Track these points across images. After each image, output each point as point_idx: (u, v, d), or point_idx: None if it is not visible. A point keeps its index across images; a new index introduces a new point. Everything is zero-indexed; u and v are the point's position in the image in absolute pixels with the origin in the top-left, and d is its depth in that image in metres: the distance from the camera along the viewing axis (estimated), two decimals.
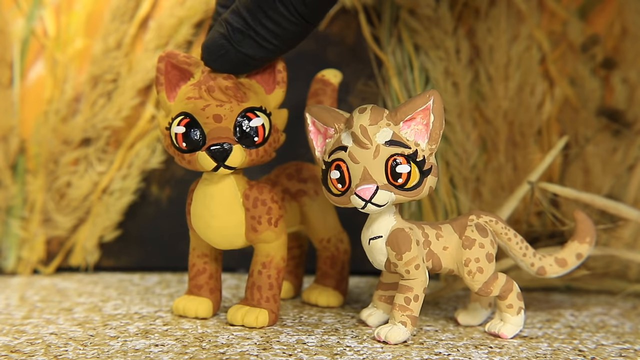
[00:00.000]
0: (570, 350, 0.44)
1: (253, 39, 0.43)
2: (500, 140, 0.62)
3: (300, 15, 0.42)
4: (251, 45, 0.43)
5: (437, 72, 0.62)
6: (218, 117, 0.44)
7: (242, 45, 0.43)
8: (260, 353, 0.42)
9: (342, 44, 0.63)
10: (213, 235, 0.47)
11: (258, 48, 0.43)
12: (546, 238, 0.58)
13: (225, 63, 0.44)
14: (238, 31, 0.43)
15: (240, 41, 0.43)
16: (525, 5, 0.61)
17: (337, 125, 0.45)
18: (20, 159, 0.63)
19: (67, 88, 0.63)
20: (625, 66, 0.61)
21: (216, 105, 0.44)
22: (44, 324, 0.48)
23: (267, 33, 0.43)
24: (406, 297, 0.44)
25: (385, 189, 0.43)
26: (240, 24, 0.43)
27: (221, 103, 0.44)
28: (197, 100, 0.44)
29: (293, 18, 0.42)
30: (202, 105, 0.44)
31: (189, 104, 0.45)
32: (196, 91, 0.45)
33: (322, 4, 0.42)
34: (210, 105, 0.44)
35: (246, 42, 0.43)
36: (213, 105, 0.44)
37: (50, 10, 0.63)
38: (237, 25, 0.43)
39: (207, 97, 0.44)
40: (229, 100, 0.44)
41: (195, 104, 0.44)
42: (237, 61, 0.44)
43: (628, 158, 0.60)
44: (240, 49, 0.43)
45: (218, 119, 0.44)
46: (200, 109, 0.44)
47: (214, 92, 0.44)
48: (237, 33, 0.43)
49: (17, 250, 0.63)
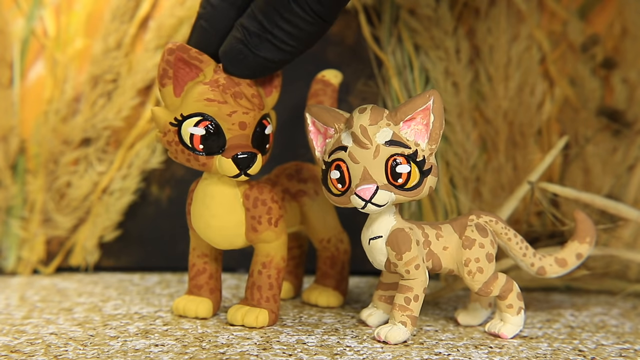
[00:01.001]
0: (570, 350, 0.44)
1: (271, 42, 0.42)
2: (500, 140, 0.62)
3: (317, 14, 0.42)
4: (269, 49, 0.43)
5: (437, 72, 0.62)
6: (243, 125, 0.44)
7: (260, 49, 0.43)
8: (260, 353, 0.42)
9: (342, 44, 0.63)
10: (213, 235, 0.47)
11: (276, 51, 0.43)
12: (546, 238, 0.58)
13: (244, 68, 0.44)
14: (255, 35, 0.42)
15: (257, 45, 0.43)
16: (525, 5, 0.61)
17: (337, 125, 0.45)
18: (20, 159, 0.63)
19: (67, 88, 0.63)
20: (625, 66, 0.61)
21: (243, 112, 0.44)
22: (44, 324, 0.48)
23: (284, 35, 0.42)
24: (406, 297, 0.44)
25: (385, 189, 0.43)
26: (256, 27, 0.42)
27: (247, 111, 0.44)
28: (221, 104, 0.44)
29: (309, 17, 0.42)
30: (228, 110, 0.44)
31: (211, 106, 0.44)
32: (218, 94, 0.44)
33: (337, 1, 0.42)
34: (237, 112, 0.44)
35: (264, 45, 0.43)
36: (240, 113, 0.44)
37: (50, 10, 0.63)
38: (253, 30, 0.42)
39: (234, 104, 0.44)
40: (253, 108, 0.45)
41: (220, 109, 0.44)
42: (256, 65, 0.44)
43: (628, 158, 0.60)
44: (259, 53, 0.43)
45: (243, 127, 0.44)
46: (226, 114, 0.44)
47: (241, 99, 0.44)
48: (254, 37, 0.43)
49: (17, 250, 0.63)
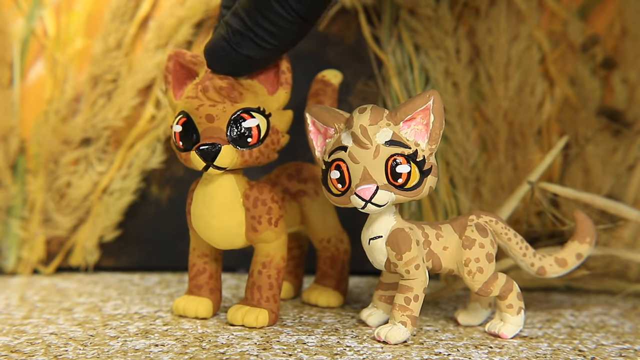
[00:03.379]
0: (570, 350, 0.44)
1: (252, 39, 0.43)
2: (500, 140, 0.62)
3: (297, 13, 0.42)
4: (250, 46, 0.43)
5: (437, 72, 0.62)
6: (210, 117, 0.45)
7: (241, 46, 0.43)
8: (260, 353, 0.42)
9: (342, 44, 0.63)
10: (213, 235, 0.47)
11: (257, 49, 0.43)
12: (546, 238, 0.58)
13: (226, 65, 0.45)
14: (237, 32, 0.43)
15: (239, 42, 0.43)
16: (525, 5, 0.61)
17: (337, 125, 0.45)
18: (20, 159, 0.63)
19: (67, 88, 0.63)
20: (625, 66, 0.61)
21: (209, 105, 0.45)
22: (44, 324, 0.48)
23: (265, 33, 0.43)
24: (406, 297, 0.44)
25: (385, 189, 0.43)
26: (239, 25, 0.43)
27: (214, 103, 0.45)
28: (193, 99, 0.45)
29: (289, 17, 0.42)
30: (196, 104, 0.45)
31: (187, 103, 0.45)
32: (194, 91, 0.45)
33: (318, 1, 0.42)
34: (203, 105, 0.45)
35: (245, 43, 0.43)
36: (206, 105, 0.45)
37: (50, 10, 0.63)
38: (236, 27, 0.43)
39: (202, 97, 0.45)
40: (222, 100, 0.45)
41: (192, 104, 0.45)
42: (238, 62, 0.44)
43: (628, 158, 0.60)
44: (240, 51, 0.44)
45: (210, 119, 0.45)
46: (194, 109, 0.45)
47: (208, 92, 0.45)
48: (237, 35, 0.43)
49: (17, 250, 0.63)
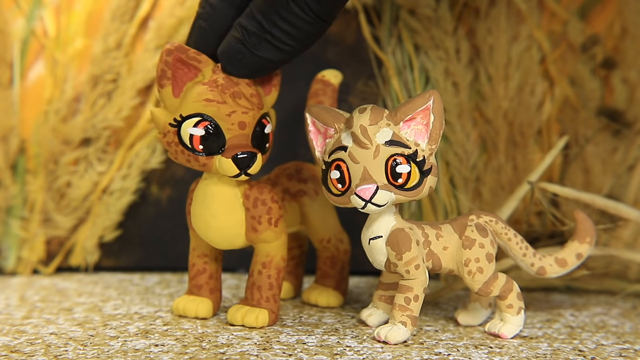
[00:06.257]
0: (570, 350, 0.44)
1: (269, 42, 0.43)
2: (500, 140, 0.62)
3: (315, 14, 0.42)
4: (268, 49, 0.43)
5: (437, 72, 0.62)
6: (243, 125, 0.44)
7: (258, 49, 0.43)
8: (260, 353, 0.42)
9: (342, 44, 0.63)
10: (213, 235, 0.47)
11: (275, 51, 0.43)
12: (546, 238, 0.58)
13: (243, 68, 0.44)
14: (254, 35, 0.42)
15: (256, 45, 0.43)
16: (525, 5, 0.61)
17: (337, 125, 0.45)
18: (20, 159, 0.63)
19: (67, 88, 0.63)
20: (625, 66, 0.61)
21: (242, 112, 0.44)
22: (44, 324, 0.48)
23: (283, 35, 0.42)
24: (406, 297, 0.44)
25: (385, 189, 0.43)
26: (255, 27, 0.42)
27: (246, 110, 0.44)
28: (220, 104, 0.44)
29: (308, 17, 0.42)
30: (227, 110, 0.44)
31: (210, 106, 0.44)
32: (217, 94, 0.44)
33: (336, 1, 0.42)
34: (236, 112, 0.44)
35: (263, 45, 0.43)
36: (239, 112, 0.44)
37: (50, 10, 0.63)
38: (252, 29, 0.42)
39: (233, 104, 0.44)
40: (252, 107, 0.45)
41: (219, 109, 0.44)
42: (255, 65, 0.44)
43: (628, 158, 0.60)
44: (258, 53, 0.43)
45: (243, 126, 0.44)
46: (225, 115, 0.44)
47: (240, 98, 0.44)
48: (253, 37, 0.43)
49: (17, 250, 0.63)
